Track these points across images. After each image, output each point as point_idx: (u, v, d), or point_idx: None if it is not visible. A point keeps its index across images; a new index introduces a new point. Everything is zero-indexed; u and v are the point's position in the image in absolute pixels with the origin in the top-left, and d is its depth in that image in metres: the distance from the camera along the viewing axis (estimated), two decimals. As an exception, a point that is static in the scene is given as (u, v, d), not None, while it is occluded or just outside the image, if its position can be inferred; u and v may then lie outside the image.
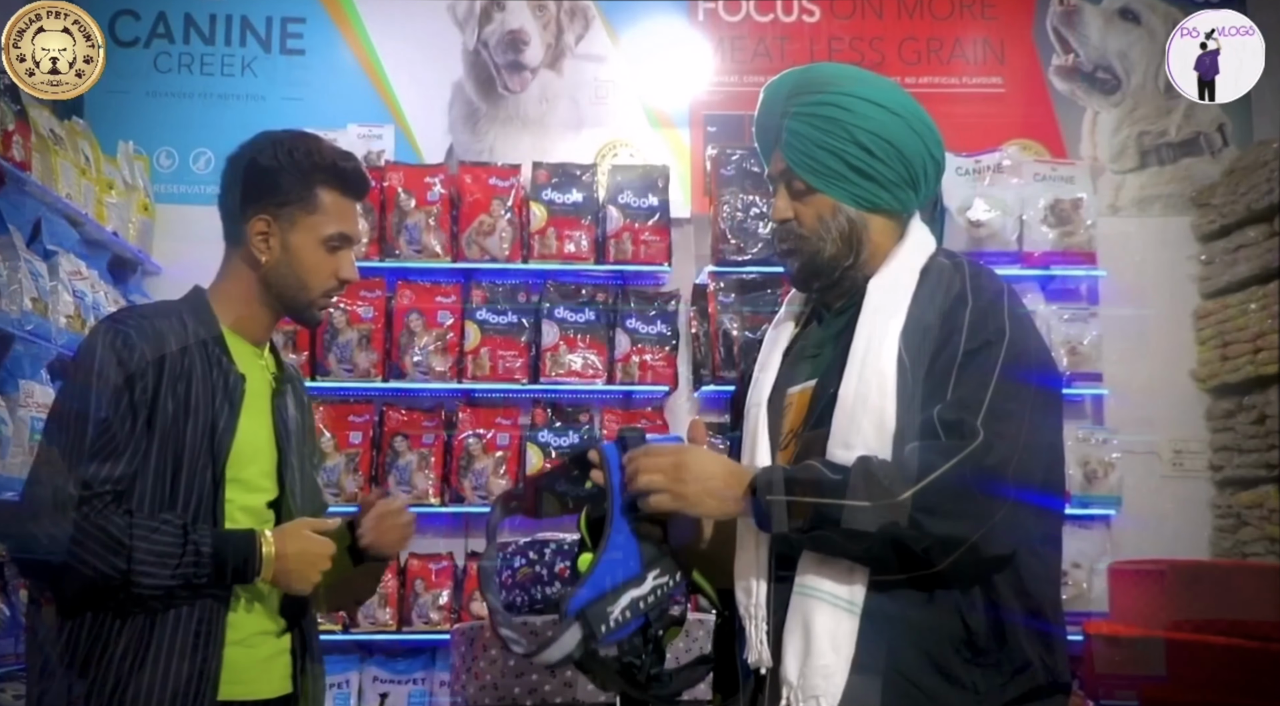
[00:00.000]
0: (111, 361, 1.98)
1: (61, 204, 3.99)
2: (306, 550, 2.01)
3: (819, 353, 1.91)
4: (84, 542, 1.89)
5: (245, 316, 2.17)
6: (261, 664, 2.07)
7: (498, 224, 4.79)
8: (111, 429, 1.95)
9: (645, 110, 5.22)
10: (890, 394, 1.72)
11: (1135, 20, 5.34)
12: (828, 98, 1.87)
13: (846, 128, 1.84)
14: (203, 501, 2.00)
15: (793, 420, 1.87)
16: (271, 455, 2.13)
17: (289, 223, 2.13)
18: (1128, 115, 5.30)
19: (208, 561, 1.93)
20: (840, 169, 1.85)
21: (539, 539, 3.53)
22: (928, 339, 1.74)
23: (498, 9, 5.21)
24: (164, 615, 1.94)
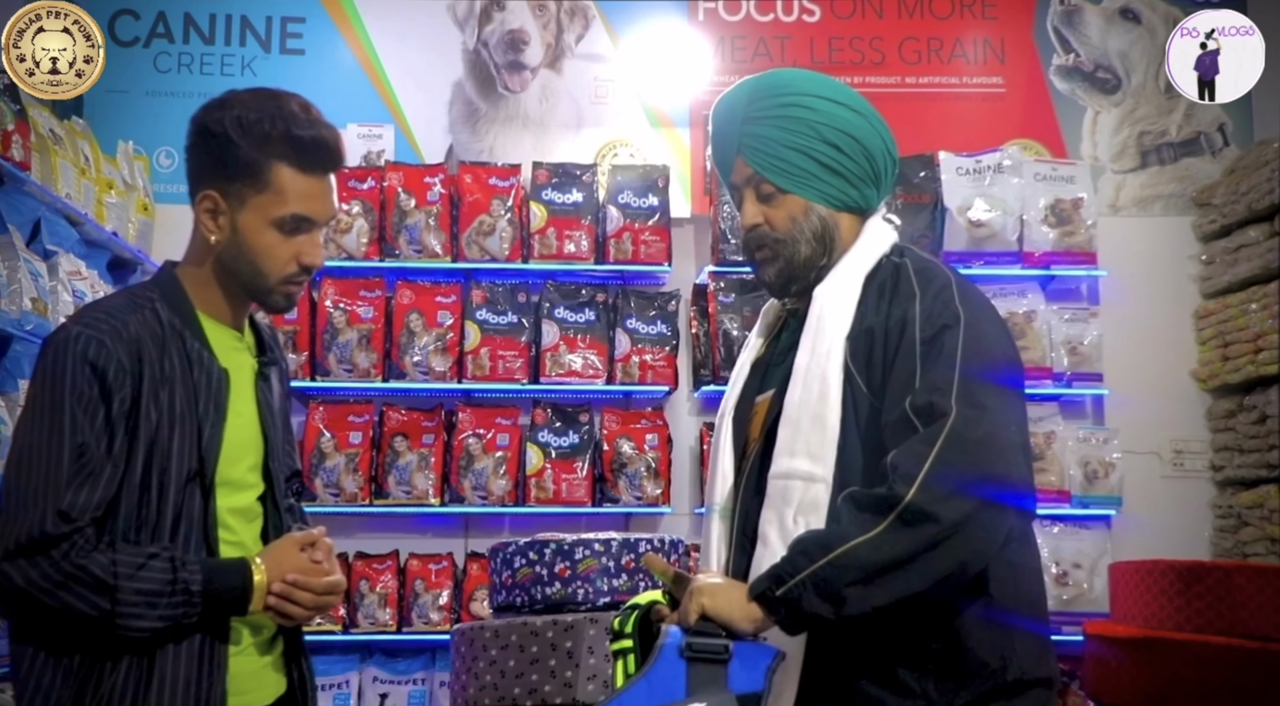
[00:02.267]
0: (84, 373, 1.78)
1: (61, 204, 3.99)
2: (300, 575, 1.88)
3: (783, 361, 1.90)
4: (66, 584, 1.72)
5: (216, 300, 1.96)
6: (260, 671, 1.97)
7: (498, 224, 4.79)
8: (89, 451, 1.76)
9: (645, 110, 5.23)
10: (834, 402, 1.73)
11: (1136, 20, 5.34)
12: (789, 99, 1.87)
13: (813, 126, 1.84)
14: (194, 516, 1.85)
15: (754, 428, 1.89)
16: (259, 448, 1.98)
17: (238, 202, 1.89)
18: (1128, 115, 5.30)
19: (197, 599, 1.78)
20: (810, 167, 1.85)
21: (539, 539, 3.53)
22: (875, 341, 1.74)
23: (498, 9, 5.21)
24: (164, 643, 1.81)
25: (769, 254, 1.88)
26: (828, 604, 1.58)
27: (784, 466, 1.73)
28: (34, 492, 1.74)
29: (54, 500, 1.73)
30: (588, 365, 4.76)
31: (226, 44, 5.14)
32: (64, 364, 1.79)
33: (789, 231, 1.86)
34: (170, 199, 4.97)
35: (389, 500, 4.66)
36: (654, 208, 4.87)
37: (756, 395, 1.93)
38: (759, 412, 1.90)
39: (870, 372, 1.74)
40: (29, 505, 1.73)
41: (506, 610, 3.50)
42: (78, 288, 3.97)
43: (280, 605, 1.88)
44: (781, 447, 1.75)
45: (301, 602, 1.89)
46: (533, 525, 4.69)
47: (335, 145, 1.95)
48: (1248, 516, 4.56)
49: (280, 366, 2.13)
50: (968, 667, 1.67)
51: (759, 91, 1.89)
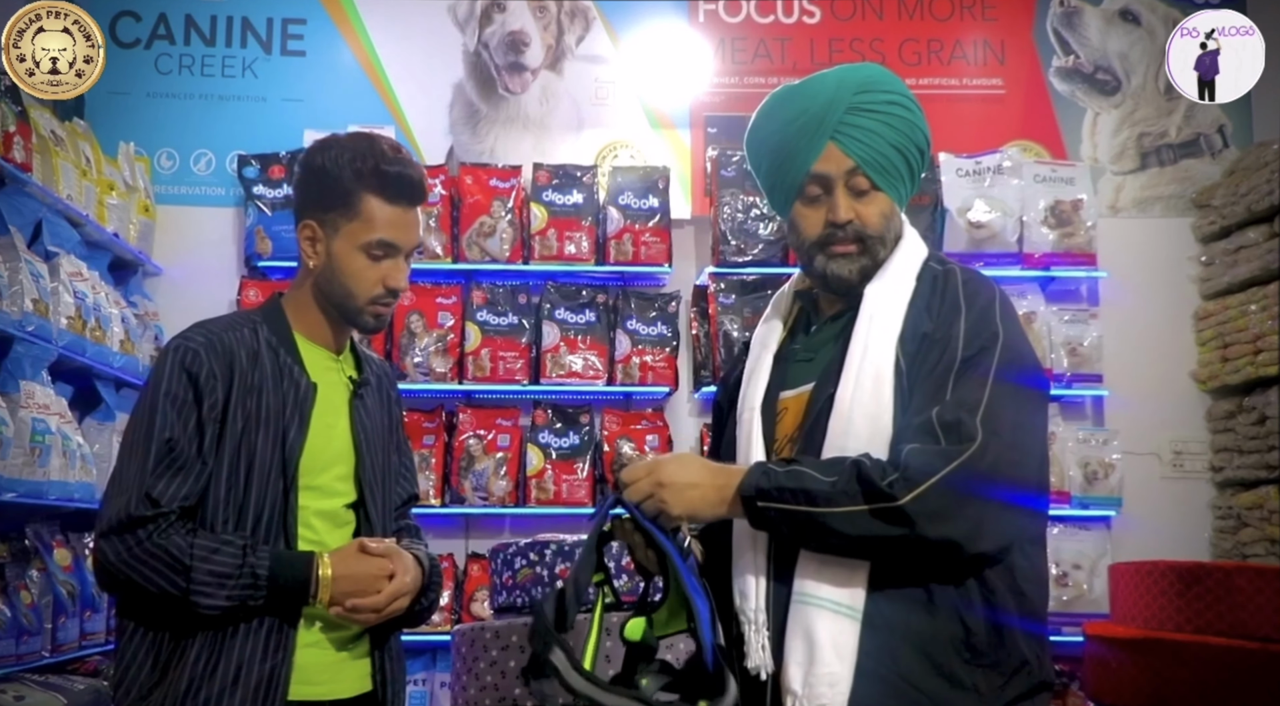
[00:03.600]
0: (180, 379, 2.00)
1: (62, 205, 3.99)
2: (358, 577, 2.03)
3: (813, 357, 1.90)
4: (147, 561, 1.93)
5: (313, 322, 2.17)
6: (336, 665, 2.09)
7: (498, 225, 4.79)
8: (178, 446, 1.97)
9: (646, 111, 5.22)
10: (887, 399, 1.73)
11: (1135, 21, 5.33)
12: (895, 97, 1.85)
13: (913, 127, 1.85)
14: (274, 511, 2.02)
15: (788, 425, 1.87)
16: (350, 459, 2.14)
17: (333, 230, 2.11)
18: (1128, 116, 5.29)
19: (264, 583, 1.95)
20: (902, 169, 1.85)
21: (539, 540, 3.52)
22: (924, 345, 1.75)
23: (498, 10, 5.21)
24: (237, 622, 1.97)
25: (857, 250, 1.85)
26: (788, 532, 1.71)
27: (837, 450, 1.73)
28: (128, 480, 1.97)
29: (142, 486, 1.95)
30: (588, 366, 4.75)
31: (227, 45, 5.13)
32: (163, 371, 2.02)
33: (879, 231, 1.85)
34: (171, 200, 4.97)
35: (389, 501, 4.65)
36: (654, 209, 4.87)
37: (780, 390, 1.91)
38: (788, 409, 1.88)
39: (915, 372, 1.75)
40: (122, 491, 1.96)
41: (507, 611, 3.50)
42: (79, 289, 3.96)
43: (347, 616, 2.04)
44: (832, 444, 1.74)
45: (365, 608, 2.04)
46: (533, 526, 4.68)
47: (419, 180, 2.15)
48: (1247, 517, 4.56)
49: (388, 395, 2.31)
50: (1013, 664, 1.71)
51: (867, 83, 1.85)
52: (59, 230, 3.98)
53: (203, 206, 4.97)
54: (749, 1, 5.34)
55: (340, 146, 2.11)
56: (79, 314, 3.92)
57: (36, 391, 3.62)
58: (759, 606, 1.76)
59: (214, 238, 4.92)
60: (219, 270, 4.87)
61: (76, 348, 3.86)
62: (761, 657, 1.74)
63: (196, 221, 4.94)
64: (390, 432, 2.28)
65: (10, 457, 3.41)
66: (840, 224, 1.84)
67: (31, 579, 3.62)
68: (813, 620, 1.68)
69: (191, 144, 5.04)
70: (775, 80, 5.22)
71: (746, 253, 4.82)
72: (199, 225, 4.94)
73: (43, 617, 3.62)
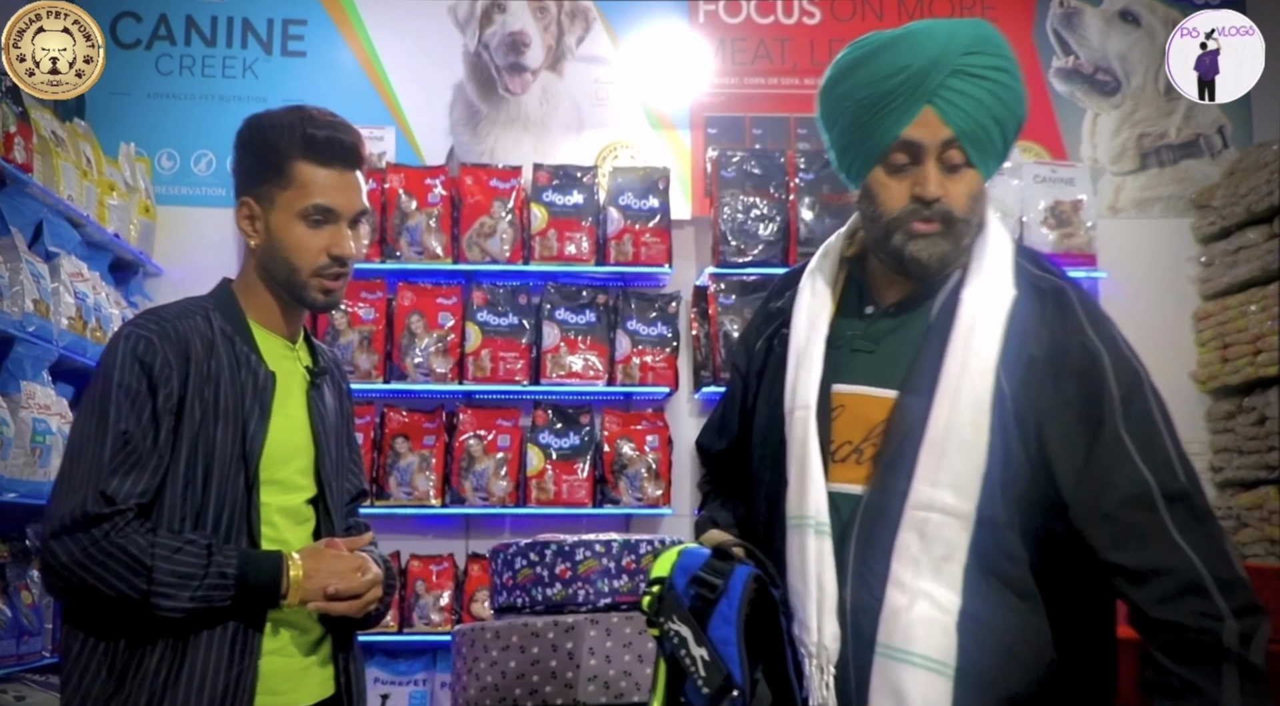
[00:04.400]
0: (134, 369, 1.89)
1: (63, 205, 3.99)
2: (336, 570, 1.96)
3: (874, 349, 1.69)
4: (104, 562, 1.81)
5: (265, 307, 2.07)
6: (299, 672, 2.00)
7: (499, 225, 4.79)
8: (134, 440, 1.86)
9: (646, 112, 5.22)
10: (985, 429, 1.55)
11: (1135, 22, 5.33)
12: (1004, 63, 1.63)
13: (1019, 99, 1.65)
14: (236, 508, 1.93)
15: (847, 426, 1.66)
16: (309, 452, 2.06)
17: (269, 202, 2.02)
18: (1128, 117, 5.29)
19: (232, 583, 1.86)
20: (1000, 145, 1.65)
21: (539, 540, 3.52)
22: (1038, 374, 1.58)
23: (499, 11, 5.21)
24: (198, 628, 1.87)
25: (939, 230, 1.63)
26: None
27: (925, 496, 1.54)
28: (80, 476, 1.85)
29: (97, 483, 1.84)
30: (588, 366, 4.75)
31: (228, 46, 5.13)
32: (114, 361, 1.91)
33: (966, 212, 1.65)
34: (171, 201, 4.97)
35: (390, 501, 4.65)
36: (654, 209, 4.86)
37: (833, 382, 1.68)
38: (845, 406, 1.68)
39: (1024, 404, 1.57)
40: (75, 488, 1.85)
41: (507, 611, 3.50)
42: (79, 289, 3.97)
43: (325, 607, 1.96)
44: (923, 474, 1.55)
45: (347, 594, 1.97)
46: (533, 526, 4.68)
47: (351, 142, 2.05)
48: (1247, 518, 4.55)
49: (339, 386, 2.23)
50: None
51: (978, 43, 1.62)
52: (60, 231, 3.98)
53: (203, 207, 4.96)
54: (749, 2, 5.34)
55: (269, 118, 2.04)
56: (80, 314, 3.92)
57: (37, 392, 3.62)
58: (821, 642, 1.58)
59: (215, 238, 4.91)
60: (219, 271, 4.73)
61: (77, 348, 3.86)
62: (825, 696, 1.57)
63: (197, 222, 4.94)
64: (343, 425, 2.19)
65: (11, 458, 3.41)
66: (928, 200, 1.62)
67: (32, 579, 3.62)
68: (901, 677, 1.51)
69: (192, 144, 5.05)
70: (775, 81, 5.23)
71: (747, 253, 4.82)
72: (200, 226, 4.94)
73: (43, 617, 3.63)
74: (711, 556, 1.63)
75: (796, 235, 4.82)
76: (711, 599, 1.58)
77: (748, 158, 4.93)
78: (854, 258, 1.80)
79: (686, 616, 1.60)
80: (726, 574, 1.60)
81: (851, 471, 1.64)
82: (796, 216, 4.84)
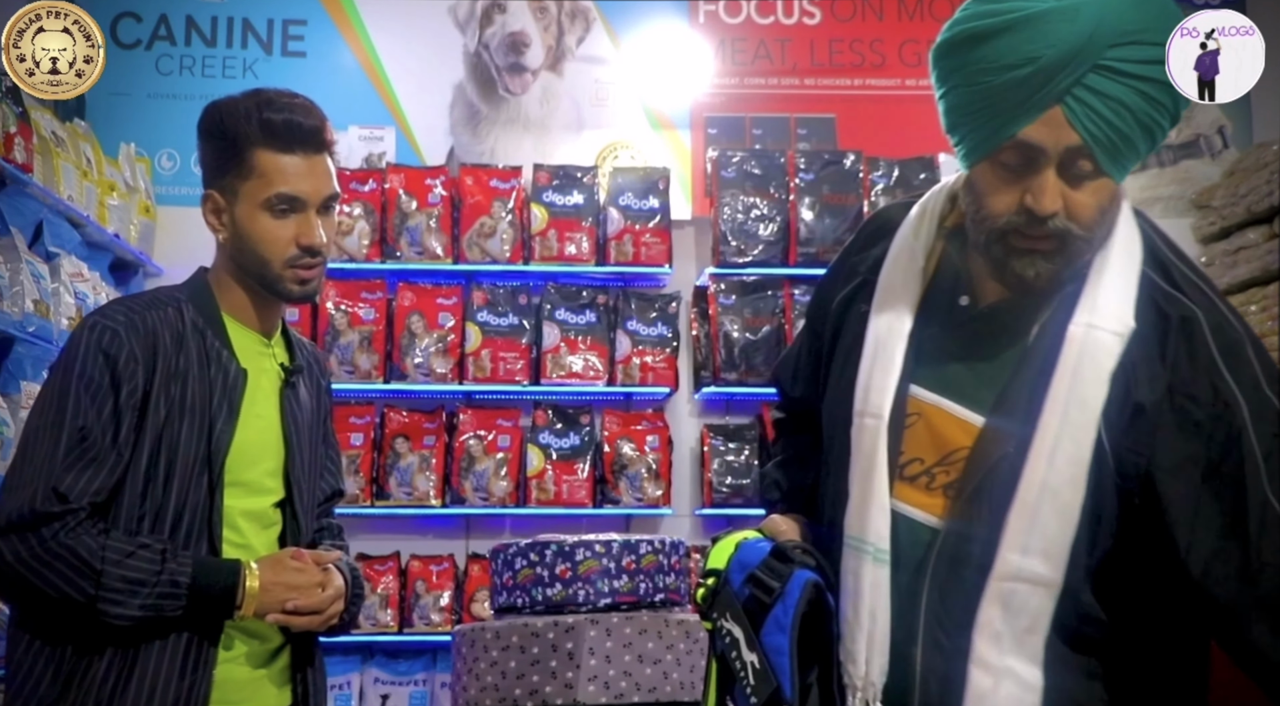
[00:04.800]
0: (96, 361, 1.79)
1: (63, 206, 3.99)
2: (295, 584, 1.86)
3: (964, 356, 1.47)
4: (51, 563, 1.71)
5: (240, 302, 1.97)
6: (255, 681, 1.91)
7: (499, 226, 4.79)
8: (91, 436, 1.77)
9: (646, 112, 5.22)
10: (1081, 488, 1.34)
11: (1135, 22, 5.33)
12: (1160, 55, 1.39)
13: (1172, 98, 1.40)
14: (197, 510, 1.83)
15: (921, 440, 1.46)
16: (279, 454, 1.96)
17: (233, 194, 1.93)
18: (1128, 117, 5.29)
19: (184, 592, 1.76)
20: (1144, 147, 1.38)
21: (540, 540, 3.52)
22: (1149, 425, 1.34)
23: (499, 11, 5.21)
24: (150, 636, 1.78)
25: (1053, 247, 1.36)
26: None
27: (1014, 565, 1.34)
28: (32, 471, 1.76)
29: (49, 479, 1.74)
30: (588, 367, 4.75)
31: (228, 46, 5.13)
32: (77, 351, 1.81)
33: (1090, 226, 1.36)
34: (172, 201, 4.97)
35: (390, 501, 4.65)
36: (655, 209, 4.86)
37: (909, 383, 1.46)
38: (921, 415, 1.47)
39: (1126, 458, 1.35)
40: (26, 483, 1.75)
41: (507, 611, 3.50)
42: (80, 289, 3.97)
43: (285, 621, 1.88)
44: (1012, 540, 1.35)
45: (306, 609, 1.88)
46: (534, 526, 4.68)
47: (310, 123, 1.95)
48: (1247, 518, 4.55)
49: (318, 382, 2.14)
50: None
51: (1135, 31, 1.35)
52: (60, 231, 3.99)
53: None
54: (749, 2, 5.34)
55: (226, 105, 1.95)
56: (80, 314, 3.92)
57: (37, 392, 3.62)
58: (869, 677, 1.43)
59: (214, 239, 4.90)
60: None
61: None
62: None
63: (197, 222, 4.86)
64: (320, 423, 2.10)
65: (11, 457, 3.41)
66: (1043, 216, 1.34)
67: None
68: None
69: (192, 145, 4.92)
70: (775, 81, 5.23)
71: (747, 253, 4.82)
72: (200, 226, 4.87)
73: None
74: (770, 554, 1.51)
75: (796, 235, 4.82)
76: (767, 602, 1.47)
77: (748, 158, 4.93)
78: (955, 230, 1.52)
79: (740, 616, 1.50)
80: (785, 577, 1.48)
81: (921, 496, 1.45)
82: (796, 216, 4.84)
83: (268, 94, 1.96)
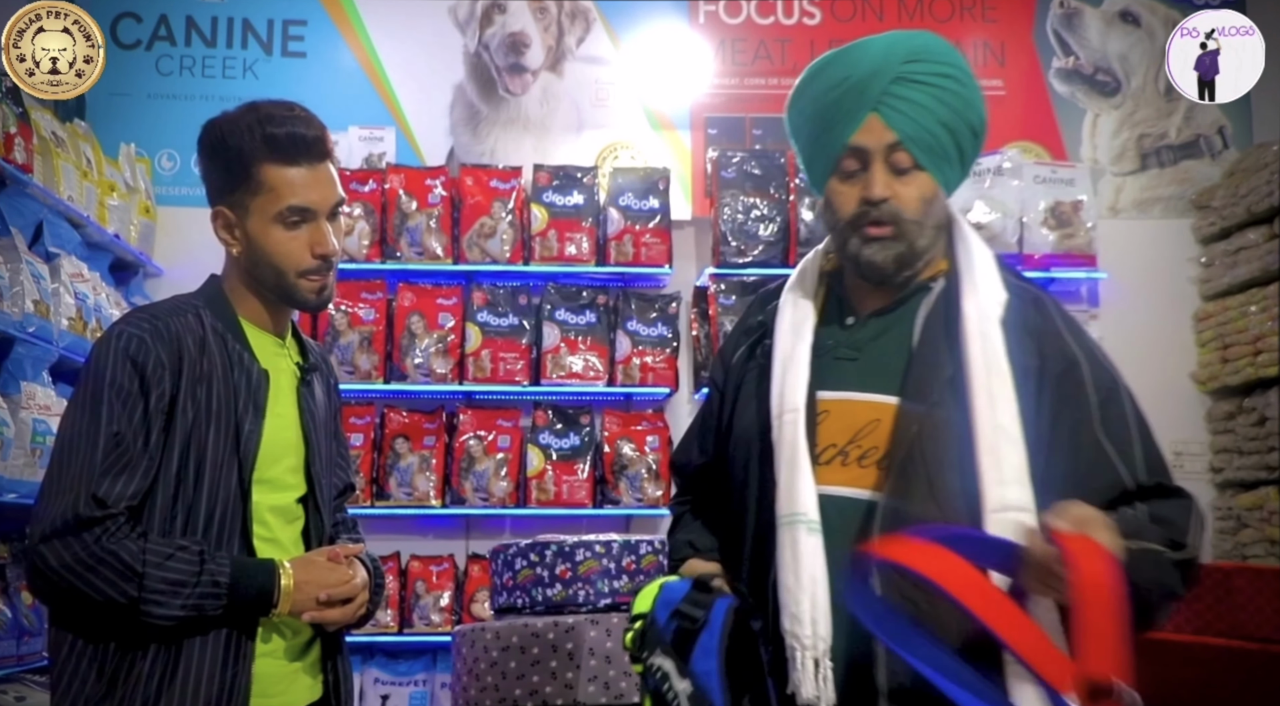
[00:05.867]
0: (126, 368, 1.84)
1: (63, 206, 3.99)
2: (326, 582, 1.94)
3: (857, 357, 1.73)
4: (95, 568, 1.77)
5: (255, 308, 2.03)
6: (291, 674, 1.98)
7: (499, 226, 4.79)
8: (125, 441, 1.82)
9: (646, 112, 5.22)
10: (1019, 418, 1.59)
11: (1135, 23, 5.33)
12: (949, 69, 1.69)
13: (968, 104, 1.69)
14: (229, 508, 1.89)
15: (831, 431, 1.68)
16: (299, 450, 2.02)
17: (244, 210, 1.97)
18: (1128, 117, 5.29)
19: (224, 592, 1.83)
20: (951, 150, 1.69)
21: (540, 541, 3.52)
22: (1033, 384, 1.62)
23: (499, 11, 5.21)
24: (191, 633, 1.84)
25: (892, 233, 1.67)
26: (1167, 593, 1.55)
27: (998, 497, 1.55)
28: (71, 479, 1.80)
29: (89, 486, 1.79)
30: (588, 367, 4.75)
31: (228, 47, 5.13)
32: (106, 359, 1.86)
33: (918, 213, 1.68)
34: (172, 201, 4.98)
35: (390, 501, 4.65)
36: (655, 210, 4.86)
37: (818, 389, 1.70)
38: (830, 412, 1.69)
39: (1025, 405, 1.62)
40: (66, 490, 1.80)
41: (507, 611, 3.49)
42: (80, 289, 3.96)
43: (316, 618, 1.94)
44: (990, 476, 1.56)
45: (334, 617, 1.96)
46: (534, 527, 4.68)
47: (312, 135, 1.98)
48: (1247, 518, 4.55)
49: (328, 380, 2.19)
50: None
51: (919, 52, 1.68)
52: (60, 231, 3.98)
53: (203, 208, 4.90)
54: (749, 3, 5.34)
55: (227, 123, 1.97)
56: (80, 315, 3.92)
57: (38, 392, 3.62)
58: (816, 634, 1.57)
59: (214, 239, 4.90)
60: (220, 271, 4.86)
61: (77, 349, 3.86)
62: (821, 690, 1.55)
63: (197, 222, 4.87)
64: (331, 420, 2.16)
65: (11, 459, 3.41)
66: (874, 201, 1.66)
67: (32, 579, 3.62)
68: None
69: (192, 145, 4.91)
70: (775, 81, 5.23)
71: (747, 253, 4.82)
72: (200, 226, 4.83)
73: (43, 618, 3.61)
74: (692, 588, 1.64)
75: (796, 235, 4.82)
76: (693, 631, 1.59)
77: (748, 158, 4.93)
78: (832, 272, 1.84)
79: (669, 649, 1.60)
80: (708, 606, 1.61)
81: (838, 474, 1.66)
82: (796, 217, 4.84)
83: (266, 108, 1.98)
